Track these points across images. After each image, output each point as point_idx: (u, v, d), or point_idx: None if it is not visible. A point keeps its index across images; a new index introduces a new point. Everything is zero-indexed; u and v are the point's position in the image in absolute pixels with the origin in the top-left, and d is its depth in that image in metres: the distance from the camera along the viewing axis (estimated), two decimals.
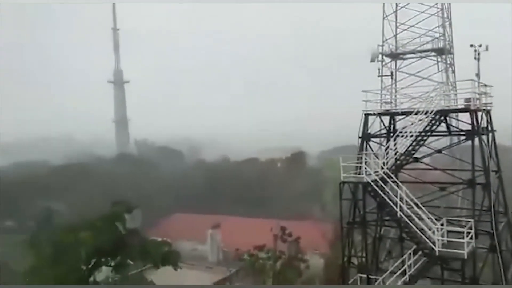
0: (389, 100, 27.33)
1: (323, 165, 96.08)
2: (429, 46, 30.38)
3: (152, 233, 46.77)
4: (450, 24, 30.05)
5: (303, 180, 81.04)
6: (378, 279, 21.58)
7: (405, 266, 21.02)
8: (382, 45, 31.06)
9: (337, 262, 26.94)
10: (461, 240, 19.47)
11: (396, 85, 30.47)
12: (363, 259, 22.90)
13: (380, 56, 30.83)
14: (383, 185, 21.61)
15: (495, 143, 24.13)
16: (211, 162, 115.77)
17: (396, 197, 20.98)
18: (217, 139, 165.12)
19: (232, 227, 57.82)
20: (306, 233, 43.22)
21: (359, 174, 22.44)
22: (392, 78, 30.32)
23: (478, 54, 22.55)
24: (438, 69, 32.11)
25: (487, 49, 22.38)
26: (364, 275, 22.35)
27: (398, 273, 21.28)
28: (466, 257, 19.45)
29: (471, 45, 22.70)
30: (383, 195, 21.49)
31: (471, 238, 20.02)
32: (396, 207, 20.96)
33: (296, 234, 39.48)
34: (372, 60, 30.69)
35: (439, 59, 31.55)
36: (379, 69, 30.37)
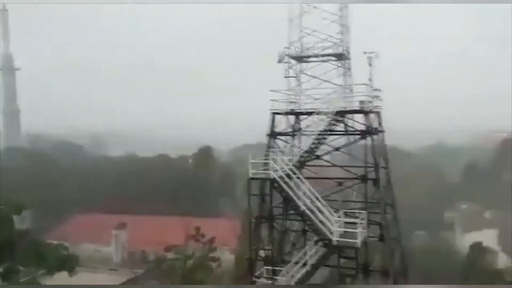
0: (294, 100, 28.88)
1: (234, 162, 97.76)
2: (330, 51, 32.52)
3: (49, 235, 43.96)
4: (348, 31, 32.44)
5: (215, 177, 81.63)
6: (282, 270, 22.89)
7: (307, 257, 22.57)
8: (288, 48, 32.63)
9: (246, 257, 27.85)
10: (355, 230, 21.46)
11: (301, 86, 32.26)
12: (269, 252, 24.13)
13: (286, 57, 32.37)
14: (288, 180, 22.97)
15: (384, 142, 26.78)
16: (117, 157, 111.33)
17: (300, 192, 22.48)
18: (125, 135, 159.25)
19: (139, 227, 56.44)
20: (218, 230, 43.82)
21: (267, 170, 23.58)
22: (297, 79, 31.98)
23: (371, 60, 24.83)
24: (338, 73, 34.62)
25: (378, 56, 24.75)
26: (270, 267, 23.55)
27: (300, 263, 22.78)
28: (359, 245, 21.50)
29: (364, 52, 24.95)
30: (288, 190, 22.84)
31: (363, 228, 22.14)
32: (300, 201, 22.45)
33: (208, 232, 39.70)
34: (279, 61, 32.12)
35: (339, 64, 33.98)
36: (285, 70, 31.88)
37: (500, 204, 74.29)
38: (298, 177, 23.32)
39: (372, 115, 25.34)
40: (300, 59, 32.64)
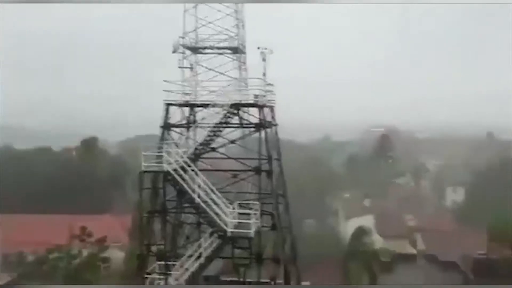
0: (189, 92, 28.40)
1: (125, 154, 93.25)
2: (225, 44, 32.60)
3: None
4: (243, 26, 32.83)
5: (103, 171, 76.97)
6: (175, 264, 22.47)
7: (202, 249, 22.45)
8: (183, 37, 31.98)
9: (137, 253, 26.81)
10: (249, 221, 21.89)
11: (196, 78, 31.87)
12: (162, 246, 23.51)
13: (180, 48, 31.71)
14: (182, 173, 22.55)
15: (277, 135, 27.70)
16: None
17: (195, 184, 22.22)
18: None
19: (16, 227, 51.00)
20: (106, 227, 41.59)
21: (160, 163, 22.86)
22: (192, 70, 31.50)
23: (265, 55, 25.41)
24: (233, 66, 34.93)
25: (272, 52, 25.42)
26: (163, 262, 22.96)
27: (195, 256, 22.58)
28: (253, 235, 21.98)
29: (259, 47, 25.45)
30: (182, 183, 22.42)
31: (257, 219, 22.68)
32: (194, 194, 22.19)
33: (95, 229, 37.51)
34: (174, 51, 31.35)
35: (234, 57, 34.28)
36: (180, 60, 31.21)
37: (377, 192, 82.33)
38: (193, 170, 23.02)
39: (266, 109, 25.97)
40: (195, 50, 32.21)
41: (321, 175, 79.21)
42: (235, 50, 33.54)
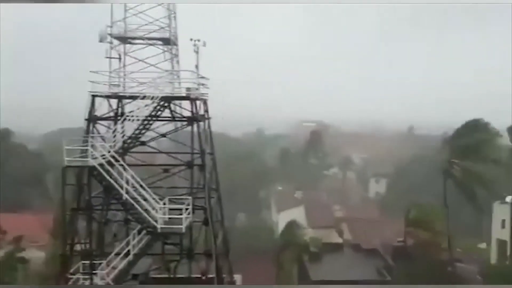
0: (117, 83, 27.27)
1: (46, 148, 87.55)
2: (156, 35, 31.69)
3: None
4: (175, 17, 32.11)
5: (21, 166, 71.38)
6: (102, 263, 21.57)
7: (130, 247, 21.72)
8: (111, 26, 30.63)
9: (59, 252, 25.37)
10: (180, 216, 21.52)
11: (125, 69, 30.69)
12: (87, 245, 22.44)
13: (108, 37, 30.35)
14: (110, 168, 21.61)
15: (210, 129, 27.47)
16: None
17: (123, 180, 21.38)
18: None
19: None
20: (24, 226, 38.95)
21: (85, 157, 21.73)
22: (120, 61, 30.29)
23: (198, 48, 25.00)
24: (165, 58, 34.07)
25: (205, 45, 25.07)
26: (88, 262, 21.93)
27: (122, 254, 21.82)
28: (184, 231, 21.65)
29: (191, 39, 24.99)
30: (109, 178, 21.50)
31: (188, 214, 22.36)
32: (122, 190, 21.37)
33: (12, 229, 35.01)
34: (101, 40, 29.93)
35: (166, 49, 33.43)
36: (107, 50, 29.87)
37: (308, 185, 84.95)
38: (121, 165, 22.14)
39: (198, 102, 25.61)
40: (123, 40, 31.00)
41: (254, 169, 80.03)
42: (167, 42, 32.73)
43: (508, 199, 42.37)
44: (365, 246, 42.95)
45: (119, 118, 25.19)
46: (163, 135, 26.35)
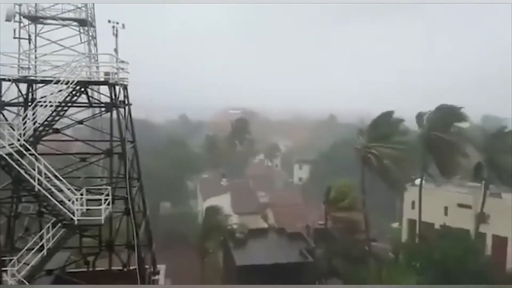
0: (27, 66, 25.22)
1: None
2: (72, 15, 29.79)
3: None
4: None
5: None
6: (13, 259, 20.06)
7: (44, 241, 20.41)
8: (20, 5, 28.22)
9: None
10: (99, 207, 20.56)
11: (36, 51, 28.53)
12: None
13: (17, 16, 27.97)
14: (19, 158, 20.01)
15: (131, 115, 26.45)
16: None
17: (35, 170, 19.92)
18: None
19: None
20: None
21: None
22: (31, 42, 28.08)
23: (116, 30, 23.82)
24: (81, 40, 32.16)
25: (124, 27, 23.93)
26: None
27: (35, 249, 20.46)
28: (103, 222, 20.74)
29: (109, 21, 23.71)
30: (19, 169, 19.91)
31: (108, 204, 21.43)
32: (35, 181, 19.93)
33: None
34: (8, 20, 27.51)
35: (82, 30, 31.54)
36: (15, 30, 27.53)
37: (234, 172, 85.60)
38: (32, 154, 20.60)
39: (118, 87, 24.48)
40: (34, 19, 28.73)
41: (178, 156, 78.81)
42: (83, 23, 30.93)
43: (417, 181, 45.99)
44: (289, 230, 44.37)
45: (29, 104, 23.35)
46: (80, 122, 24.92)
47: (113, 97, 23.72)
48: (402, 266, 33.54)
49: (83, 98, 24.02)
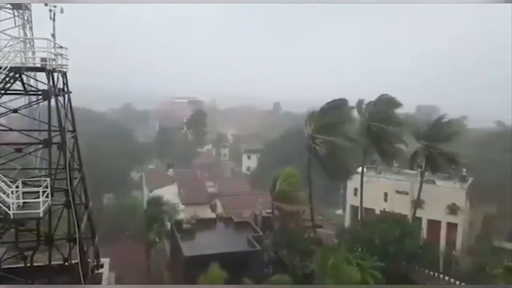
0: None
1: None
2: None
3: None
4: None
5: None
6: None
7: None
8: None
9: None
10: (37, 200, 19.59)
11: None
12: None
13: None
14: None
15: (71, 103, 25.30)
16: None
17: None
18: None
19: None
20: None
21: None
22: None
23: (54, 14, 22.58)
24: (16, 24, 30.25)
25: (62, 11, 22.73)
26: None
27: None
28: (42, 215, 19.79)
29: (46, 4, 22.42)
30: None
31: (47, 196, 20.45)
32: None
33: None
34: None
35: (17, 14, 29.64)
36: None
37: (181, 162, 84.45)
38: None
39: (56, 74, 23.27)
40: None
41: (123, 146, 76.61)
42: (18, 6, 29.05)
43: (359, 169, 47.74)
44: (237, 219, 44.57)
45: None
46: (15, 111, 23.45)
47: (51, 84, 22.54)
48: (346, 251, 34.81)
49: (18, 85, 22.69)
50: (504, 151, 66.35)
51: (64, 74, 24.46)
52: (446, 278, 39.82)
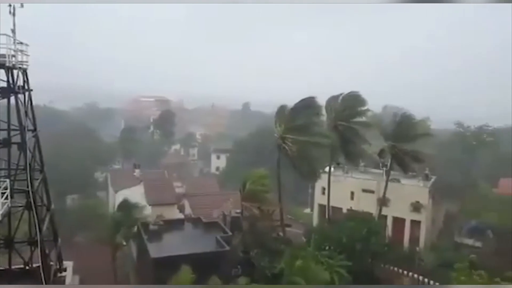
0: None
1: None
2: None
3: None
4: None
5: None
6: None
7: None
8: None
9: None
10: None
11: None
12: None
13: None
14: None
15: (31, 102, 24.34)
16: None
17: None
18: None
19: None
20: None
21: None
22: None
23: (14, 9, 21.61)
24: None
25: (22, 6, 21.78)
26: None
27: None
28: (0, 218, 18.93)
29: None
30: None
31: (6, 198, 19.59)
32: None
33: None
34: None
35: None
36: None
37: (148, 162, 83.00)
38: None
39: (16, 71, 22.31)
40: None
41: (87, 146, 74.51)
42: None
43: (327, 169, 48.30)
44: (205, 220, 44.18)
45: None
46: None
47: (11, 81, 21.59)
48: (314, 250, 35.12)
49: None
50: (463, 151, 68.93)
51: (24, 71, 23.49)
52: (410, 274, 40.88)
